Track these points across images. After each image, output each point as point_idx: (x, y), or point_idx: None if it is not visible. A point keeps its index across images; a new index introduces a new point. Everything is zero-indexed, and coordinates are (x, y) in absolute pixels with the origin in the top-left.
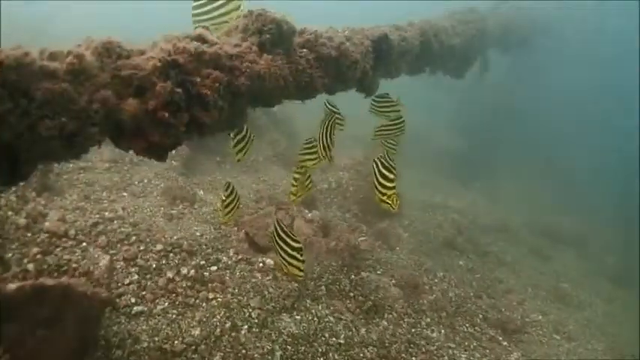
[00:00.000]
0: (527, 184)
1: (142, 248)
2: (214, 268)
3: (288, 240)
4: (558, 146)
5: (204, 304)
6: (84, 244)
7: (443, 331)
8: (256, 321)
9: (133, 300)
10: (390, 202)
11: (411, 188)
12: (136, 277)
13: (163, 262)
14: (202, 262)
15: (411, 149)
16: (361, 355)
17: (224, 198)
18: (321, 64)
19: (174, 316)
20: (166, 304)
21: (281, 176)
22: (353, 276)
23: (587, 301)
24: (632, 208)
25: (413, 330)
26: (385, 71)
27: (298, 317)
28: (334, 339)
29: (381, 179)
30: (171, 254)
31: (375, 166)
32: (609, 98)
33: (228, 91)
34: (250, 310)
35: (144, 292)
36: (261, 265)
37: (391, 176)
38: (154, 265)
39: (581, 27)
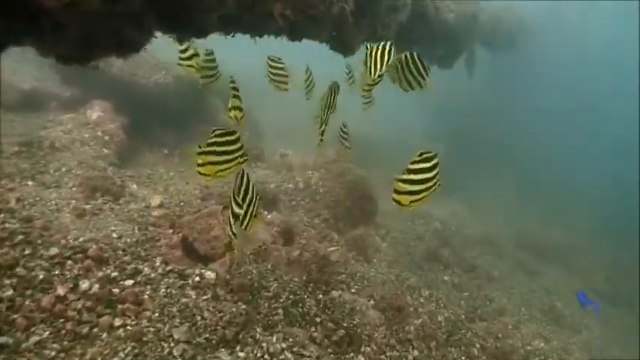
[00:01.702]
0: (509, 193)
1: (27, 252)
2: (130, 282)
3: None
4: (539, 152)
5: (104, 335)
6: None
7: None
8: None
9: None
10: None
11: (387, 195)
12: (10, 292)
13: (56, 272)
14: (114, 274)
15: (386, 156)
16: None
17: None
18: None
19: (53, 353)
20: (46, 333)
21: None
22: (321, 295)
23: (582, 322)
24: (622, 220)
25: None
26: (369, 27)
27: (242, 354)
28: None
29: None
30: (69, 262)
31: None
32: (596, 102)
33: None
34: (172, 344)
35: (15, 316)
36: (197, 279)
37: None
38: (41, 277)
39: (564, 32)
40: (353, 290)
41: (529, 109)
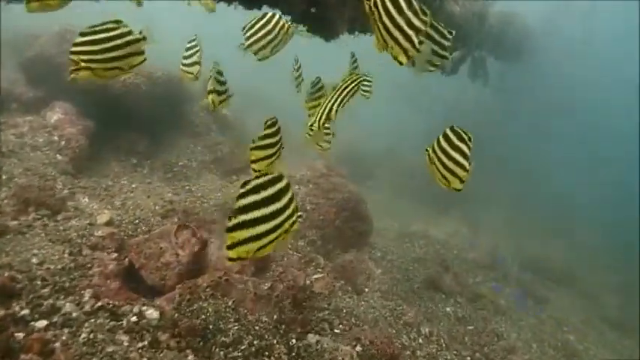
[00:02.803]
0: (510, 210)
1: None
2: (42, 323)
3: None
4: (539, 166)
5: None
6: None
7: None
8: None
9: None
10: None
11: (384, 214)
12: None
13: None
14: (23, 313)
15: (380, 171)
16: None
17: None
18: None
19: None
20: None
21: (215, 187)
22: (294, 340)
23: (598, 357)
24: (624, 232)
25: None
26: (355, 8)
27: None
28: None
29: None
30: None
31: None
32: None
33: None
34: None
35: None
36: (134, 319)
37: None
38: None
39: (568, 40)
40: (337, 331)
41: (531, 121)
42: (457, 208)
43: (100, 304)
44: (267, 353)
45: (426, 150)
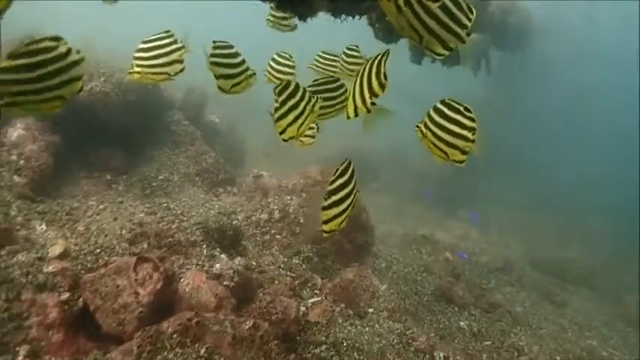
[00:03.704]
0: (519, 209)
1: None
2: None
3: None
4: (549, 163)
5: None
6: None
7: None
8: None
9: None
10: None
11: (388, 218)
12: None
13: None
14: None
15: (384, 172)
16: None
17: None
18: None
19: None
20: None
21: (198, 202)
22: None
23: None
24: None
25: None
26: None
27: None
28: None
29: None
30: None
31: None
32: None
33: None
34: None
35: None
36: None
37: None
38: None
39: (569, 35)
40: None
41: (537, 116)
42: (464, 209)
43: None
44: None
45: (417, 126)
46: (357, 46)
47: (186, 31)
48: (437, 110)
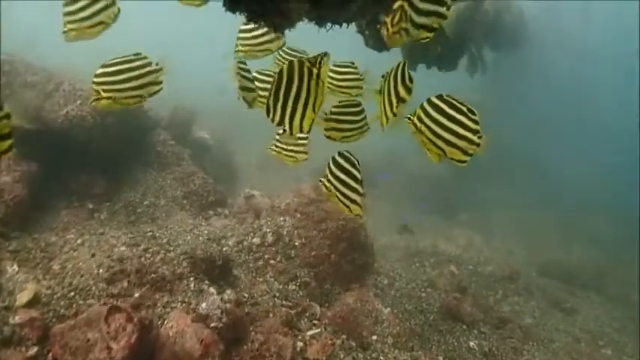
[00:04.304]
0: (520, 210)
1: None
2: None
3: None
4: (549, 163)
5: None
6: None
7: None
8: None
9: None
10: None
11: (389, 228)
12: None
13: None
14: None
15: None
16: None
17: None
18: None
19: None
20: None
21: (186, 228)
22: None
23: None
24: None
25: None
26: None
27: None
28: None
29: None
30: None
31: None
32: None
33: None
34: None
35: None
36: None
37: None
38: None
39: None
40: None
41: (535, 116)
42: (466, 213)
43: None
44: None
45: (408, 118)
46: (352, 62)
47: (164, 53)
48: (434, 105)
